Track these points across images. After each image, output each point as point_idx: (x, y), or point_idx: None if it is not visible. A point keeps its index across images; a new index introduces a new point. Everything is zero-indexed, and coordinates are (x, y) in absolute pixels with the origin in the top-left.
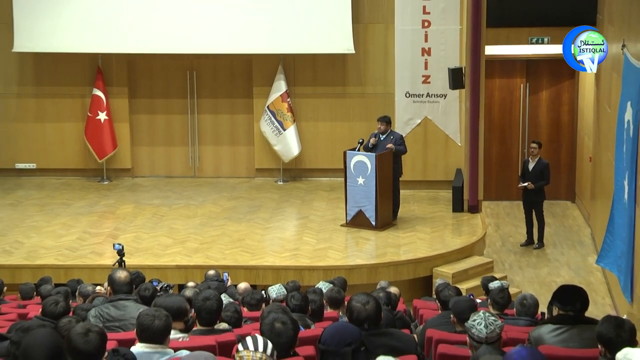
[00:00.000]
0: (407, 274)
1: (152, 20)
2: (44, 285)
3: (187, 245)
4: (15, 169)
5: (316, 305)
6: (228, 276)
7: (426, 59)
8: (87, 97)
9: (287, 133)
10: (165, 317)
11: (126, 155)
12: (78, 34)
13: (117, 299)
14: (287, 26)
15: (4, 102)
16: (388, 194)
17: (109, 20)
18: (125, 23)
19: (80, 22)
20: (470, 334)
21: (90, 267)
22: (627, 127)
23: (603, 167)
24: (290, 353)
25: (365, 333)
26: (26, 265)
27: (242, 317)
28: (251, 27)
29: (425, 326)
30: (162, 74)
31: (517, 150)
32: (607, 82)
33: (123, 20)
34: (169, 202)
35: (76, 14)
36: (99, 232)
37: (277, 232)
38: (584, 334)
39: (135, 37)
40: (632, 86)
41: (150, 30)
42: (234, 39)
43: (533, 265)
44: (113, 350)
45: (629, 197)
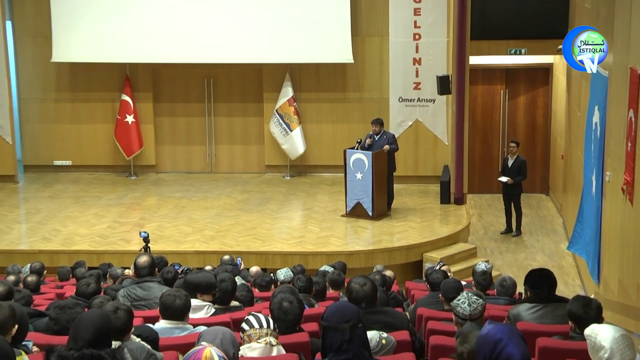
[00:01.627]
0: (400, 258)
1: (174, 33)
2: (79, 268)
3: (205, 233)
4: (53, 166)
5: (319, 286)
6: (241, 261)
7: (417, 67)
8: (116, 102)
9: (294, 134)
10: (185, 297)
11: (151, 153)
12: (108, 46)
13: (142, 281)
14: (294, 39)
15: (44, 107)
16: (383, 187)
17: (136, 33)
18: (150, 36)
19: (110, 35)
20: (456, 312)
21: (120, 253)
22: (595, 128)
23: (573, 164)
24: (297, 329)
25: (362, 311)
26: (63, 251)
27: (253, 296)
28: (262, 40)
29: (416, 305)
30: (182, 81)
31: (498, 149)
32: (577, 89)
33: (148, 34)
34: (188, 195)
35: (107, 28)
36: (127, 221)
37: (285, 221)
38: (557, 311)
39: (159, 48)
40: (599, 92)
41: (172, 43)
42: (246, 50)
43: (512, 251)
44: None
45: (597, 191)
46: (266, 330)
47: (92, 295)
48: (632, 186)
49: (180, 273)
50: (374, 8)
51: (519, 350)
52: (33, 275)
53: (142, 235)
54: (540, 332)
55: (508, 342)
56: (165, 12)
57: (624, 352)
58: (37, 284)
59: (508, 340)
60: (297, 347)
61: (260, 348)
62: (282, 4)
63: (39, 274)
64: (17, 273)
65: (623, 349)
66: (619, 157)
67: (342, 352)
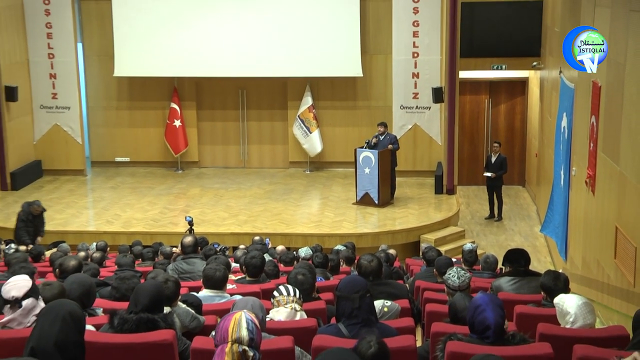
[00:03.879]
0: (401, 239)
1: (213, 52)
2: (136, 246)
3: (239, 218)
4: (115, 162)
5: (334, 262)
6: (269, 241)
7: (415, 80)
8: (166, 109)
9: (313, 135)
10: (223, 270)
11: (194, 152)
12: (160, 63)
13: (187, 257)
14: (313, 57)
15: (107, 113)
16: (387, 180)
17: (182, 52)
18: (193, 54)
19: (161, 54)
20: (447, 284)
21: (169, 234)
22: (563, 131)
23: (545, 161)
24: (312, 296)
25: (370, 283)
26: (123, 232)
27: (279, 270)
28: (286, 57)
29: (415, 278)
30: (220, 92)
31: (483, 148)
32: (548, 98)
33: (192, 52)
34: (225, 186)
35: (158, 48)
36: (174, 208)
37: (305, 208)
38: (531, 283)
39: (201, 64)
40: (567, 101)
41: (212, 60)
42: (273, 66)
43: (494, 233)
44: (183, 297)
45: (564, 183)
46: (292, 298)
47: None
48: (593, 179)
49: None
50: (380, 31)
51: (493, 315)
52: (98, 252)
53: (187, 220)
54: (518, 301)
55: (485, 308)
56: (206, 34)
57: (586, 317)
58: (102, 259)
59: (485, 307)
60: (315, 312)
61: (287, 312)
62: (303, 28)
63: (103, 250)
64: (85, 250)
65: (585, 314)
66: (583, 155)
67: (352, 318)
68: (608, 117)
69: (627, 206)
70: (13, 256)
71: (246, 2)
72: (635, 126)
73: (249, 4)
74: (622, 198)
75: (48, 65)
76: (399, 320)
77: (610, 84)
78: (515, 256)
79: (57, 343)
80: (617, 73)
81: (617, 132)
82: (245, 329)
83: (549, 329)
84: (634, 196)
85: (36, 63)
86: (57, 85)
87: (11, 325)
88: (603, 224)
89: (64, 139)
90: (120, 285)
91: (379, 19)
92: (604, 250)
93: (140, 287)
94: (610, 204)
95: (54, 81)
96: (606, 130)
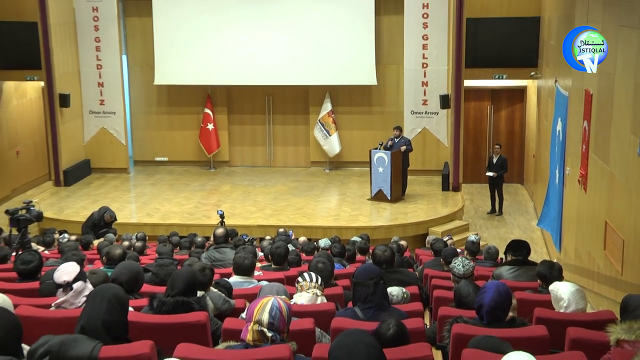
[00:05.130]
0: (411, 231)
1: (243, 63)
2: (174, 237)
3: (265, 211)
4: (155, 161)
5: (350, 252)
6: (292, 232)
7: (425, 88)
8: (200, 114)
9: (332, 138)
10: (251, 258)
11: (225, 152)
12: (195, 73)
13: (219, 247)
14: (332, 67)
15: (148, 117)
16: (399, 178)
17: (215, 63)
18: (225, 65)
19: (196, 65)
20: (453, 272)
21: (202, 226)
22: (558, 134)
23: (542, 161)
24: (331, 283)
25: (383, 271)
26: (161, 224)
27: (301, 259)
28: (308, 68)
29: (423, 267)
30: (249, 98)
31: (485, 149)
32: (544, 105)
33: (224, 63)
34: (253, 183)
35: (194, 59)
36: (207, 202)
37: (325, 203)
38: (529, 272)
39: (232, 74)
40: (562, 108)
41: (241, 69)
42: (297, 75)
43: (495, 227)
44: (215, 282)
45: (559, 182)
46: (314, 284)
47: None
48: (585, 178)
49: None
50: (393, 43)
51: (490, 297)
52: (140, 242)
53: (219, 213)
54: (517, 287)
55: (487, 291)
56: (237, 46)
57: (578, 302)
58: (143, 248)
59: (488, 290)
60: (334, 297)
61: (309, 297)
62: (323, 41)
63: (143, 240)
64: (129, 239)
65: (577, 299)
66: (576, 157)
67: (367, 302)
68: (599, 122)
69: (615, 203)
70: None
71: (272, 18)
72: (623, 130)
73: (275, 19)
74: (611, 195)
75: (96, 75)
76: (409, 304)
77: (600, 92)
78: (518, 246)
79: (104, 322)
80: (607, 82)
81: (606, 135)
82: (267, 313)
83: (545, 313)
84: (622, 193)
85: (86, 73)
86: (104, 92)
87: (64, 306)
88: (594, 219)
89: (110, 141)
90: (159, 271)
91: (392, 33)
92: (595, 242)
93: (176, 273)
94: (601, 201)
95: (101, 89)
96: (597, 134)
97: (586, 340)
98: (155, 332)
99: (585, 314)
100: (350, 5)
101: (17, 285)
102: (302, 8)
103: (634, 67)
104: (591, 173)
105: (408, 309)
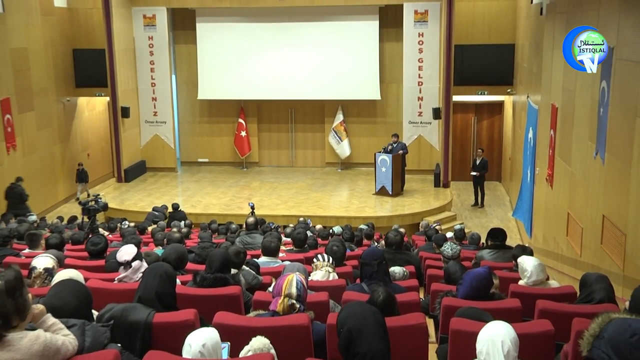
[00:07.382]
0: (409, 221)
1: (271, 81)
2: (213, 224)
3: (288, 204)
4: (197, 162)
5: (358, 237)
6: (310, 221)
7: (420, 102)
8: (235, 123)
9: (344, 143)
10: (277, 241)
11: (255, 155)
12: (231, 89)
13: (250, 233)
14: (344, 84)
15: (193, 126)
16: (399, 176)
17: (248, 81)
18: (256, 82)
19: (232, 83)
20: (443, 254)
21: (237, 215)
22: (529, 141)
23: (516, 163)
24: (343, 263)
25: (392, 252)
26: (203, 214)
27: (317, 243)
28: (324, 85)
29: (418, 249)
30: (275, 110)
31: (470, 153)
32: (519, 116)
33: (255, 81)
34: (278, 181)
35: (230, 78)
36: (241, 196)
37: (337, 197)
38: (506, 254)
39: (261, 90)
40: (532, 118)
41: (269, 86)
42: (314, 91)
43: (478, 217)
44: (246, 262)
45: (530, 180)
46: (327, 263)
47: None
48: (552, 177)
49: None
50: (394, 66)
51: (461, 294)
52: (185, 228)
53: (250, 205)
54: (495, 267)
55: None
56: (266, 67)
57: (539, 274)
58: (188, 233)
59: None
60: (344, 275)
61: (322, 274)
62: (337, 63)
63: (189, 227)
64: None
65: (539, 272)
66: (544, 159)
67: (372, 279)
68: (562, 131)
69: (576, 197)
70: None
71: (295, 45)
72: (582, 137)
73: (298, 46)
74: (572, 191)
75: (151, 91)
76: (407, 281)
77: (564, 106)
78: (497, 233)
79: (157, 293)
80: (569, 98)
81: (569, 141)
82: (294, 287)
83: (519, 288)
84: (581, 189)
85: (143, 90)
86: (157, 105)
87: (125, 280)
88: (558, 210)
89: (162, 145)
90: (201, 252)
91: (393, 57)
92: (559, 230)
93: (213, 253)
94: (564, 195)
95: (155, 103)
96: (561, 140)
97: (552, 310)
98: (198, 302)
99: (550, 288)
100: (359, 35)
101: (88, 263)
102: (319, 37)
103: (590, 85)
104: (556, 172)
105: (406, 285)
